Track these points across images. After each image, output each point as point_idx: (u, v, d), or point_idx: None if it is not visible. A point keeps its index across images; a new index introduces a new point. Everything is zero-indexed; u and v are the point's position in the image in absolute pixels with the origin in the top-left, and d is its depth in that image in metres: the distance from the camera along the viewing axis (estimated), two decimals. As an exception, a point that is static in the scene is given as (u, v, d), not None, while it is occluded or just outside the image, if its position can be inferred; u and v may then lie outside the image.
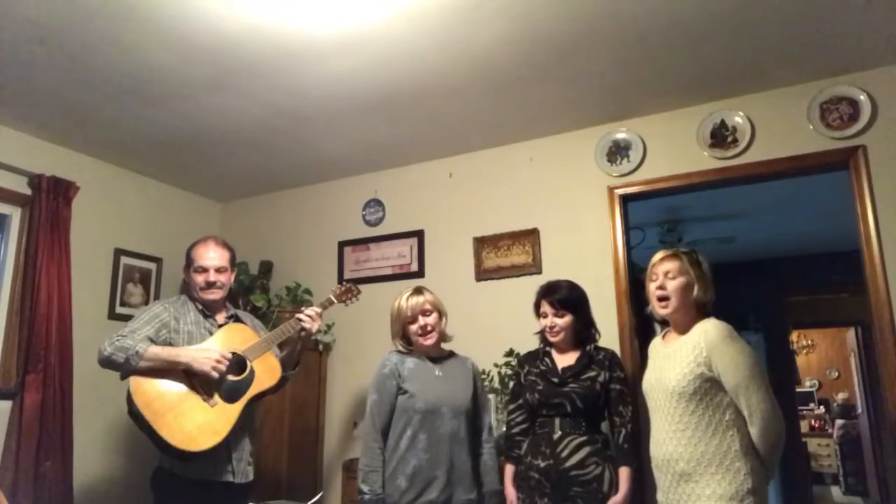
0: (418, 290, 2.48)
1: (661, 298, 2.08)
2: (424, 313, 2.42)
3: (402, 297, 2.47)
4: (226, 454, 2.33)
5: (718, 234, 5.11)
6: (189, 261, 2.51)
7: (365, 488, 2.27)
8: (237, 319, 2.56)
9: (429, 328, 2.42)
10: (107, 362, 2.23)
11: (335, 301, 2.66)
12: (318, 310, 2.54)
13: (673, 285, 2.05)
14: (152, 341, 2.30)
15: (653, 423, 2.09)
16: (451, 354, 2.54)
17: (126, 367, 2.22)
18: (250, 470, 2.44)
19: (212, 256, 2.48)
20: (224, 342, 2.38)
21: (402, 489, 2.25)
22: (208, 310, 2.49)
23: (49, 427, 3.03)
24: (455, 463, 2.29)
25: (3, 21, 2.32)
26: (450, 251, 3.59)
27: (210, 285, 2.45)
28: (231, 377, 2.30)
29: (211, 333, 2.42)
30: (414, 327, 2.42)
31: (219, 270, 2.48)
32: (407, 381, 2.36)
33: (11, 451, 2.91)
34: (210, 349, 2.30)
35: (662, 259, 2.11)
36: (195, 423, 2.19)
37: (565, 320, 2.44)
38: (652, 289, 2.12)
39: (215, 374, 2.23)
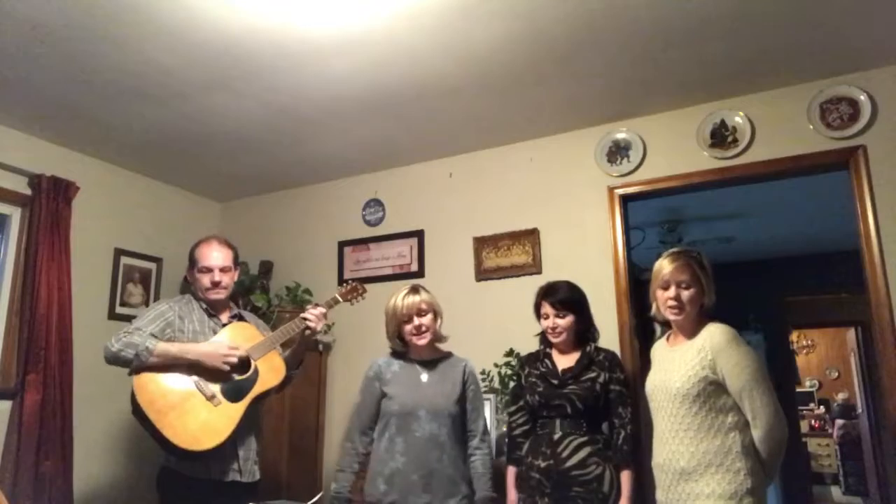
0: (415, 289, 2.44)
1: (674, 307, 2.05)
2: (420, 313, 2.39)
3: (399, 295, 2.43)
4: (233, 453, 2.32)
5: (718, 234, 5.11)
6: (193, 261, 2.50)
7: (333, 486, 2.35)
8: (241, 319, 2.56)
9: (423, 328, 2.39)
10: (114, 359, 2.22)
11: (341, 300, 2.63)
12: (324, 309, 2.52)
13: (687, 295, 2.03)
14: (157, 339, 2.30)
15: (655, 423, 2.09)
16: (446, 356, 2.49)
17: (135, 364, 2.21)
18: (257, 469, 2.43)
19: (216, 256, 2.47)
20: (228, 340, 2.38)
21: (382, 492, 2.25)
22: (212, 309, 2.49)
23: (49, 427, 3.03)
24: (434, 468, 2.23)
25: (3, 21, 2.32)
26: (450, 251, 3.59)
27: (215, 285, 2.45)
28: (235, 376, 2.31)
29: (215, 333, 2.42)
30: (409, 327, 2.39)
31: (223, 270, 2.47)
32: (389, 384, 2.37)
33: (11, 451, 2.91)
34: (218, 342, 2.33)
35: (676, 267, 2.04)
36: (198, 423, 2.19)
37: (567, 321, 2.43)
38: (662, 296, 2.08)
39: (226, 367, 2.26)
